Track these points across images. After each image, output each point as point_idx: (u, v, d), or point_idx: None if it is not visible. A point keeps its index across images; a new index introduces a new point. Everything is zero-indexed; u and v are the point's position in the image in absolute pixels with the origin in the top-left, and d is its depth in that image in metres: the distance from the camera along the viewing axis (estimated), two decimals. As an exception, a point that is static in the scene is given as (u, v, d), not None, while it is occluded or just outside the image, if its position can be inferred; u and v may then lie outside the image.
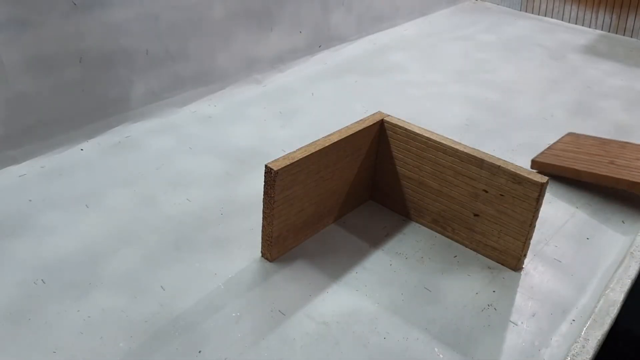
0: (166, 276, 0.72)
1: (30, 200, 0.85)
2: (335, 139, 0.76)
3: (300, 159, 0.71)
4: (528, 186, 0.70)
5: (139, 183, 0.89)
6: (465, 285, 0.73)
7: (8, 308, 0.66)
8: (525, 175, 0.70)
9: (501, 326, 0.67)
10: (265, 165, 0.69)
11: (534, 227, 0.72)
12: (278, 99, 1.18)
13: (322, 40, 1.40)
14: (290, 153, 0.71)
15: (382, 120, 0.81)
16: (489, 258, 0.77)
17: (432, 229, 0.81)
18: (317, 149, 0.73)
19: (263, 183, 0.71)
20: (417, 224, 0.82)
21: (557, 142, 0.99)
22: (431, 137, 0.77)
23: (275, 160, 0.70)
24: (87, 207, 0.84)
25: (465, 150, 0.74)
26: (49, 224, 0.80)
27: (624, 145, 0.95)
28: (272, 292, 0.70)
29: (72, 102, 0.98)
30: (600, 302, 0.69)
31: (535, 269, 0.76)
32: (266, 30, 1.26)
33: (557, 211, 0.87)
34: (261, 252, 0.75)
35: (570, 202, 0.88)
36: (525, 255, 0.75)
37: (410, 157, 0.80)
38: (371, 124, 0.80)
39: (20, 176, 0.90)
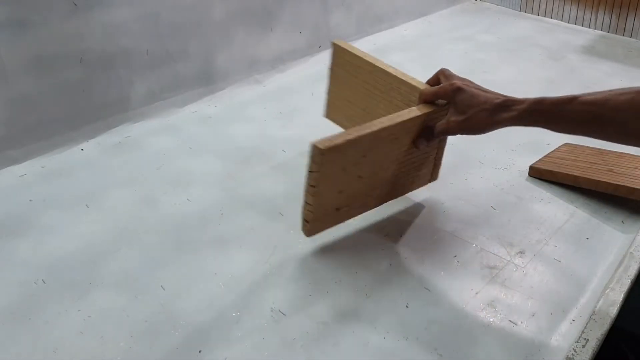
0: (166, 276, 0.72)
1: (30, 200, 0.85)
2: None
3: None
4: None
5: (139, 183, 0.90)
6: (465, 285, 0.73)
7: (8, 308, 0.66)
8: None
9: (501, 326, 0.67)
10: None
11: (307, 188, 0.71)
12: (278, 99, 1.18)
13: (322, 40, 1.40)
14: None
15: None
16: None
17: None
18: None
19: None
20: (417, 224, 0.82)
21: (555, 150, 0.99)
22: None
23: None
24: (88, 207, 0.84)
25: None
26: (50, 223, 0.80)
27: (621, 155, 0.96)
28: (272, 292, 0.70)
29: (72, 102, 0.98)
30: (600, 301, 0.70)
31: (534, 268, 0.76)
32: (266, 30, 1.26)
33: (556, 211, 0.87)
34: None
35: (570, 202, 0.89)
36: (307, 221, 0.73)
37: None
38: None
39: (20, 176, 0.90)
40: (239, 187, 0.89)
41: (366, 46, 1.46)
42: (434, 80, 0.81)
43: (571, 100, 0.68)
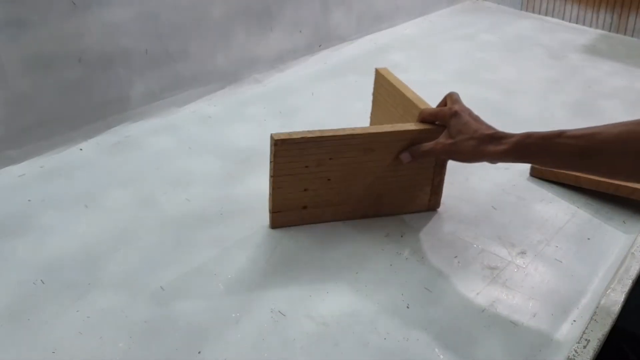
0: (166, 276, 0.71)
1: (29, 200, 0.84)
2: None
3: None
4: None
5: (138, 183, 0.89)
6: (465, 285, 0.72)
7: (7, 308, 0.66)
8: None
9: (502, 326, 0.67)
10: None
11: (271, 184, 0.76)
12: (278, 98, 1.17)
13: (322, 40, 1.40)
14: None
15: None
16: None
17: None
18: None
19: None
20: (417, 224, 0.82)
21: None
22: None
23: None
24: (87, 207, 0.83)
25: None
26: (49, 224, 0.80)
27: None
28: (272, 292, 0.70)
29: (71, 102, 0.98)
30: (602, 302, 0.69)
31: (536, 269, 0.76)
32: (266, 30, 1.26)
33: (557, 211, 0.86)
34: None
35: (571, 202, 0.88)
36: (273, 212, 0.78)
37: None
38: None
39: (19, 176, 0.90)
40: (239, 187, 0.89)
41: (366, 45, 1.46)
42: (443, 103, 0.81)
43: (559, 135, 0.67)
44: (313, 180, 0.77)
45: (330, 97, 1.19)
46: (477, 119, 0.76)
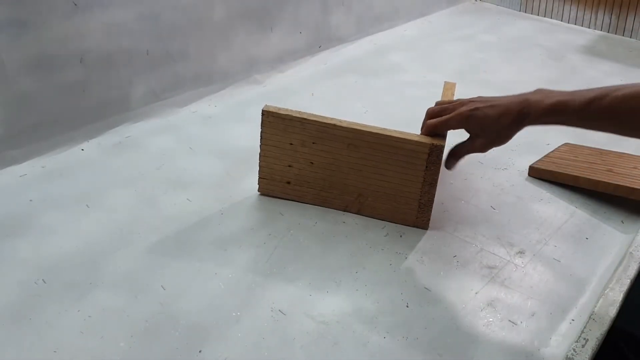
0: (166, 276, 0.72)
1: (30, 200, 0.85)
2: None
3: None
4: None
5: (139, 183, 0.90)
6: (464, 284, 0.73)
7: (8, 308, 0.66)
8: None
9: (501, 326, 0.67)
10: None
11: None
12: (278, 99, 1.17)
13: (322, 40, 1.40)
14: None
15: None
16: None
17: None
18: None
19: None
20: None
21: (554, 150, 0.99)
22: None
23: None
24: (88, 207, 0.84)
25: None
26: (50, 223, 0.80)
27: (621, 155, 0.96)
28: (272, 292, 0.70)
29: (72, 102, 0.98)
30: (600, 301, 0.70)
31: (534, 268, 0.76)
32: (266, 31, 1.26)
33: (556, 211, 0.87)
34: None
35: (570, 202, 0.89)
36: None
37: None
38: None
39: (21, 176, 0.90)
40: (239, 187, 0.89)
41: (366, 46, 1.47)
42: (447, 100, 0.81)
43: (589, 103, 0.67)
44: (297, 159, 0.81)
45: (330, 98, 1.19)
46: (488, 102, 0.74)
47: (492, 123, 0.73)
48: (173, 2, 1.07)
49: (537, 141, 1.04)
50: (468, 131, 0.77)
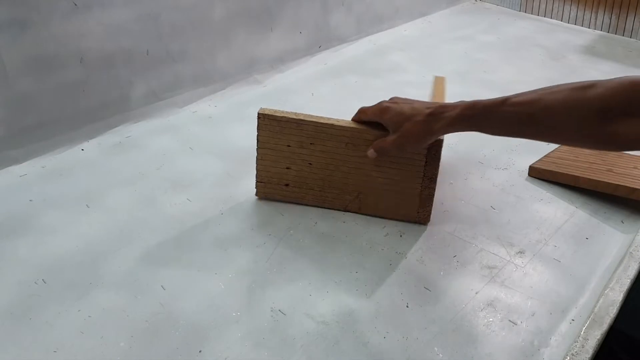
0: (166, 276, 0.72)
1: (31, 200, 0.85)
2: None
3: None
4: None
5: (139, 183, 0.90)
6: (464, 284, 0.73)
7: (9, 308, 0.67)
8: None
9: (501, 326, 0.67)
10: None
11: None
12: (278, 99, 1.18)
13: (322, 40, 1.40)
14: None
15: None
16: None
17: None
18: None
19: None
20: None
21: (554, 150, 0.99)
22: None
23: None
24: (88, 207, 0.84)
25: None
26: (50, 223, 0.80)
27: (621, 155, 0.96)
28: (272, 292, 0.70)
29: (72, 102, 0.98)
30: (600, 301, 0.70)
31: (534, 268, 0.76)
32: (266, 31, 1.26)
33: (556, 211, 0.87)
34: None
35: (570, 202, 0.89)
36: None
37: None
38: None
39: (21, 176, 0.90)
40: (239, 187, 0.89)
41: (366, 46, 1.47)
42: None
43: (502, 103, 0.68)
44: (295, 160, 0.81)
45: (330, 98, 1.19)
46: (410, 102, 0.76)
47: (404, 120, 0.73)
48: (173, 2, 1.07)
49: (536, 141, 1.04)
50: (385, 125, 0.76)
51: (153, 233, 0.79)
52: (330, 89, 1.23)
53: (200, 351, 0.62)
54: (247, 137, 1.03)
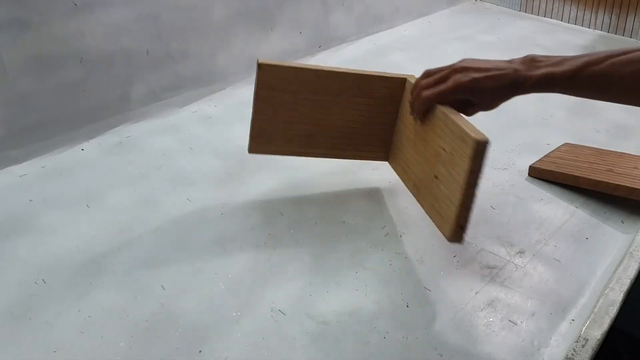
0: (166, 276, 0.72)
1: (31, 200, 0.85)
2: (339, 70, 0.78)
3: (290, 66, 0.76)
4: (465, 143, 0.65)
5: (139, 183, 0.90)
6: (464, 285, 0.73)
7: (9, 308, 0.67)
8: (467, 131, 0.65)
9: (501, 326, 0.67)
10: (257, 60, 0.76)
11: (471, 194, 0.65)
12: (278, 99, 1.18)
13: (322, 40, 1.40)
14: (289, 61, 0.77)
15: (405, 80, 0.81)
16: (437, 226, 0.72)
17: (413, 194, 0.79)
18: (314, 68, 0.77)
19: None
20: (417, 224, 0.83)
21: (554, 150, 0.99)
22: None
23: (269, 60, 0.76)
24: (88, 207, 0.84)
25: (441, 107, 0.72)
26: (50, 223, 0.80)
27: (621, 155, 0.96)
28: (272, 292, 0.70)
29: (72, 102, 0.98)
30: (600, 301, 0.70)
31: (534, 268, 0.76)
32: (266, 31, 1.26)
33: (556, 211, 0.87)
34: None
35: (570, 202, 0.89)
36: (462, 228, 0.66)
37: (410, 119, 0.79)
38: (391, 77, 0.81)
39: (21, 176, 0.90)
40: (239, 187, 0.89)
41: (366, 46, 1.47)
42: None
43: (577, 70, 0.69)
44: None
45: (330, 98, 1.19)
46: (483, 70, 0.72)
47: (489, 94, 0.73)
48: (173, 2, 1.07)
49: (537, 141, 1.04)
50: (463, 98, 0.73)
51: (153, 233, 0.79)
52: (330, 89, 1.23)
53: (200, 351, 0.62)
54: (247, 137, 1.03)
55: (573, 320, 0.68)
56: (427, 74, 0.76)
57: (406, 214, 0.85)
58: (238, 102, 1.16)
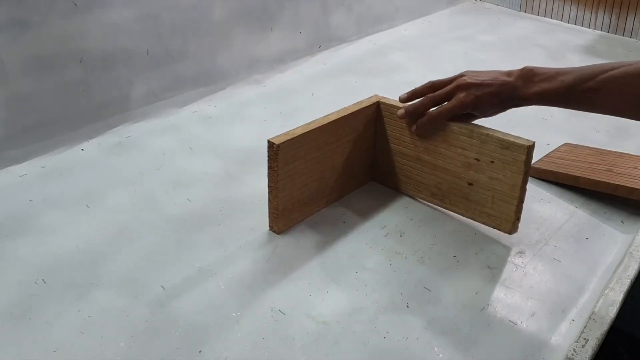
0: (166, 276, 0.72)
1: (31, 200, 0.85)
2: (333, 117, 0.80)
3: (300, 134, 0.76)
4: (515, 150, 0.74)
5: (139, 183, 0.90)
6: (465, 284, 0.73)
7: (9, 308, 0.67)
8: (512, 140, 0.74)
9: (501, 326, 0.67)
10: (268, 141, 0.74)
11: (525, 190, 0.76)
12: (278, 99, 1.18)
13: (322, 40, 1.40)
14: (291, 130, 0.76)
15: (379, 102, 0.85)
16: (486, 225, 0.80)
17: (431, 202, 0.85)
18: (317, 126, 0.78)
19: (266, 174, 0.75)
20: (417, 224, 0.83)
21: (554, 150, 0.99)
22: None
23: (278, 136, 0.74)
24: (88, 207, 0.84)
25: (455, 123, 0.78)
26: (50, 223, 0.80)
27: (621, 155, 0.96)
28: (272, 292, 0.70)
29: (72, 102, 0.98)
30: (600, 301, 0.70)
31: (534, 268, 0.76)
32: (266, 31, 1.26)
33: (556, 211, 0.87)
34: (269, 225, 0.79)
35: (570, 202, 0.89)
36: (518, 219, 0.78)
37: (406, 135, 0.83)
38: (368, 104, 0.84)
39: (21, 176, 0.90)
40: (239, 187, 0.89)
41: (366, 46, 1.47)
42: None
43: (569, 88, 0.72)
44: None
45: (330, 98, 1.19)
46: (483, 86, 0.78)
47: (490, 108, 0.79)
48: (173, 2, 1.07)
49: (537, 141, 1.03)
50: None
51: (153, 233, 0.79)
52: (331, 89, 1.23)
53: (200, 351, 0.62)
54: (247, 137, 1.03)
55: (573, 320, 0.68)
56: (432, 86, 0.82)
57: (406, 214, 0.85)
58: (238, 102, 1.16)
